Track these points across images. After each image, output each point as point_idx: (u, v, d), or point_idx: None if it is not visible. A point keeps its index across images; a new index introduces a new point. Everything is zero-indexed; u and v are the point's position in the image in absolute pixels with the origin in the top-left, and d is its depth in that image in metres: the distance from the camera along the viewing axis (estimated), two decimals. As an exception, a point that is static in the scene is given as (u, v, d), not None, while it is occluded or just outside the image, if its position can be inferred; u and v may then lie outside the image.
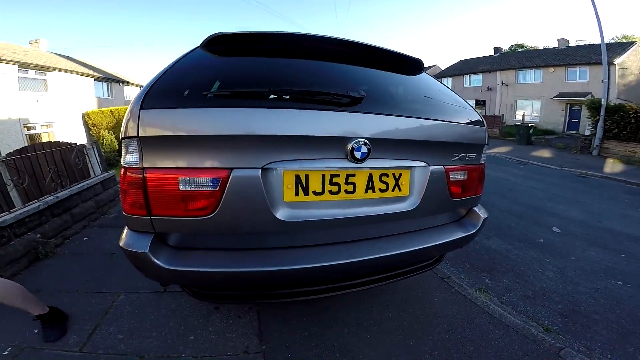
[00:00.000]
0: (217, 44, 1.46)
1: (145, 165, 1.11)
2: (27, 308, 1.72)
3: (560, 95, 20.79)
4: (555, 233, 4.15)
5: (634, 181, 8.04)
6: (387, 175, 1.41)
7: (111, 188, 4.85)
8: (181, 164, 1.12)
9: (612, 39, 31.93)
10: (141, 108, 1.08)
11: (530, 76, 23.21)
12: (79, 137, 15.56)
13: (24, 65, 13.21)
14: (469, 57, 30.64)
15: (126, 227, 1.26)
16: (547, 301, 2.52)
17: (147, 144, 1.10)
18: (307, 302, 2.12)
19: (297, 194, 1.26)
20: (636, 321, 2.32)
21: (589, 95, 16.42)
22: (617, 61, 17.99)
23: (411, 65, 1.74)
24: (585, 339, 2.13)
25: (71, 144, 5.14)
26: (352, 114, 1.25)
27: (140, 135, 1.08)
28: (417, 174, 1.46)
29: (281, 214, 1.25)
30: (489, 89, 25.72)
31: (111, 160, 13.78)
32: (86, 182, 4.24)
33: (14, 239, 2.71)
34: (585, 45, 22.38)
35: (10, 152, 5.28)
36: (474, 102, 23.56)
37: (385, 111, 1.32)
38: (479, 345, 1.87)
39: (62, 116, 14.82)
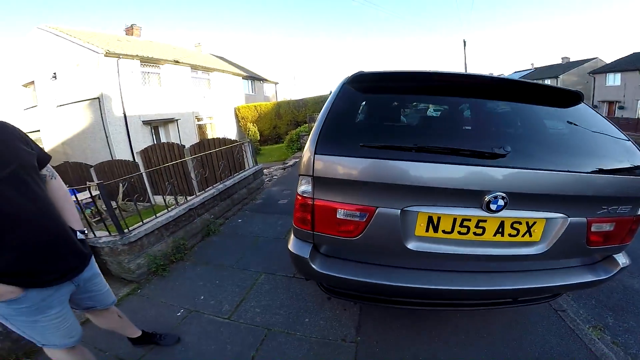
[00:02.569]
0: (361, 82, 1.69)
1: (315, 196, 1.51)
2: (124, 332, 1.94)
3: None
4: None
5: None
6: (520, 223, 1.44)
7: (259, 178, 5.79)
8: (340, 198, 1.46)
9: None
10: (315, 153, 1.43)
11: None
12: (231, 128, 18.45)
13: (194, 67, 15.91)
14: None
15: (292, 235, 1.70)
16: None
17: (318, 181, 1.47)
18: (406, 309, 2.18)
19: (427, 230, 1.47)
20: None
21: None
22: None
23: (568, 98, 1.63)
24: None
25: (234, 141, 6.44)
26: (491, 168, 1.31)
27: (314, 175, 1.46)
28: (553, 224, 1.45)
29: (411, 244, 1.48)
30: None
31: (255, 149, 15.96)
32: (244, 173, 5.26)
33: (196, 218, 3.69)
34: None
35: (192, 146, 6.94)
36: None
37: (528, 164, 1.32)
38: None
39: (220, 110, 17.81)
